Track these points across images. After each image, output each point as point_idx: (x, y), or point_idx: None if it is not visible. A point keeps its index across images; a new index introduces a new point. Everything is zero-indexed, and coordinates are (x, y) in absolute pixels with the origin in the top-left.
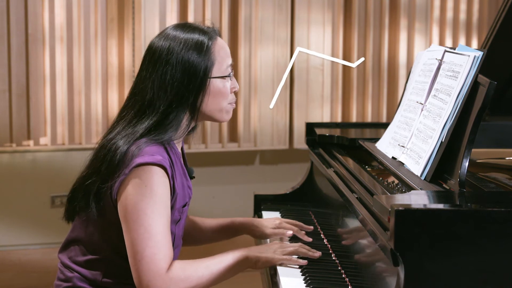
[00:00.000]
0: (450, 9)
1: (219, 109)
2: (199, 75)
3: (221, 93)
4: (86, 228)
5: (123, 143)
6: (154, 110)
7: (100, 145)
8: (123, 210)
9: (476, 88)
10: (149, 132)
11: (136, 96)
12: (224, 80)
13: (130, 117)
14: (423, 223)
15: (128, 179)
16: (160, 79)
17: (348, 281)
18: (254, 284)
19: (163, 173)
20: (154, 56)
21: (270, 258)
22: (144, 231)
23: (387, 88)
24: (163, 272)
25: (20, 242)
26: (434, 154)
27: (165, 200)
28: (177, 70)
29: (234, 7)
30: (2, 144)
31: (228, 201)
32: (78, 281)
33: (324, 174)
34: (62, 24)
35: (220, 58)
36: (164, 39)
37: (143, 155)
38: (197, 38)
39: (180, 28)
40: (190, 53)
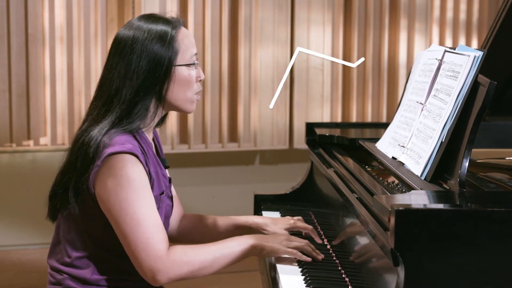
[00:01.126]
0: (450, 9)
1: (184, 99)
2: (163, 63)
3: (186, 81)
4: (69, 227)
5: (94, 136)
6: (121, 99)
7: (74, 139)
8: (105, 204)
9: (476, 88)
10: (118, 122)
11: (103, 87)
12: (189, 68)
13: (98, 109)
14: (423, 223)
15: (101, 171)
16: (126, 68)
17: (348, 281)
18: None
19: (136, 160)
20: (119, 46)
21: (276, 249)
22: (131, 220)
23: (387, 88)
24: (163, 254)
25: (20, 242)
26: (434, 154)
27: (144, 185)
28: (142, 59)
29: (234, 7)
30: (2, 144)
31: (228, 201)
32: (69, 282)
33: (324, 174)
34: (62, 24)
35: (184, 47)
36: (129, 29)
37: (114, 145)
38: (160, 27)
39: (145, 19)
40: (154, 42)
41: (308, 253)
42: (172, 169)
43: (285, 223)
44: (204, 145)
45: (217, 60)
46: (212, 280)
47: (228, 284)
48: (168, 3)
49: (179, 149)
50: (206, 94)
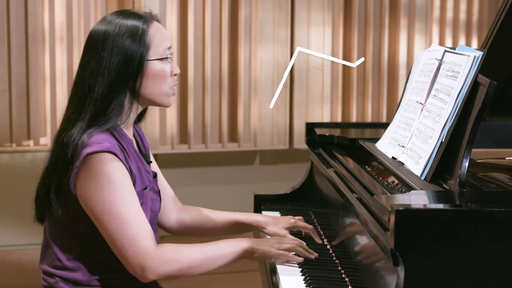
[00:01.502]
0: (450, 9)
1: (159, 93)
2: (135, 58)
3: (160, 75)
4: (56, 230)
5: (72, 136)
6: (94, 97)
7: (54, 141)
8: (88, 204)
9: (476, 88)
10: (94, 120)
11: (77, 85)
12: (163, 62)
13: (74, 107)
14: (423, 223)
15: (81, 172)
16: (97, 65)
17: (348, 281)
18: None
19: (115, 157)
20: (91, 43)
21: (267, 251)
22: (114, 218)
23: (387, 88)
24: (150, 251)
25: (20, 242)
26: (434, 154)
27: (125, 183)
28: (113, 55)
29: (234, 7)
30: (2, 144)
31: (228, 201)
32: (61, 284)
33: (324, 174)
34: (62, 24)
35: (156, 41)
36: (101, 25)
37: (91, 145)
38: (131, 23)
39: (117, 15)
40: (125, 37)
41: (300, 254)
42: (172, 169)
43: (285, 223)
44: (204, 145)
45: (217, 60)
46: (212, 280)
47: (228, 284)
48: (168, 3)
49: (179, 149)
50: (206, 94)
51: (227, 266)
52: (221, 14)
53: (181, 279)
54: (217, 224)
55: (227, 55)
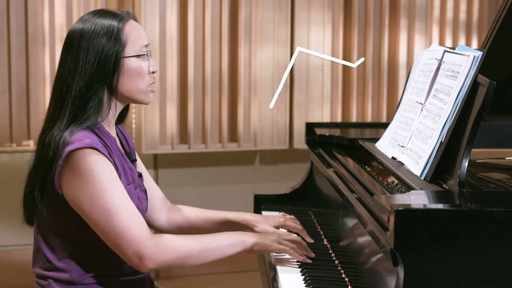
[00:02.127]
0: (450, 9)
1: (136, 90)
2: (111, 56)
3: (136, 72)
4: (44, 232)
5: (53, 136)
6: (72, 94)
7: (37, 141)
8: (75, 202)
9: (476, 88)
10: (74, 118)
11: (56, 84)
12: (139, 59)
13: (54, 106)
14: (422, 223)
15: (64, 170)
16: (74, 64)
17: (348, 281)
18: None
19: (97, 152)
20: (68, 42)
21: (268, 245)
22: (103, 211)
23: (387, 88)
24: (145, 238)
25: (20, 242)
26: (434, 154)
27: (110, 175)
28: (89, 53)
29: (234, 7)
30: (2, 144)
31: (228, 201)
32: (54, 285)
33: (324, 174)
34: (62, 24)
35: (132, 38)
36: (78, 24)
37: (73, 143)
38: (107, 21)
39: (93, 13)
40: (101, 35)
41: (296, 258)
42: (172, 169)
43: (274, 221)
44: (204, 145)
45: (217, 60)
46: (212, 280)
47: (228, 284)
48: (168, 3)
49: (179, 149)
50: (206, 94)
51: (227, 266)
52: (221, 14)
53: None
54: (208, 222)
55: (227, 55)
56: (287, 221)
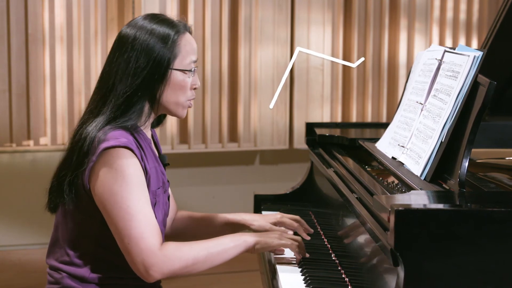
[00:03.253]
0: (450, 9)
1: (175, 103)
2: (161, 64)
3: (180, 86)
4: (67, 226)
5: (90, 131)
6: (117, 95)
7: (73, 134)
8: (100, 198)
9: (476, 88)
10: (114, 119)
11: (102, 81)
12: (185, 74)
13: (96, 102)
14: (423, 223)
15: (96, 166)
16: (125, 65)
17: (348, 281)
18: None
19: (131, 154)
20: (121, 42)
21: (270, 242)
22: (124, 213)
23: (387, 88)
24: (155, 249)
25: (20, 242)
26: (434, 154)
27: (139, 179)
28: (141, 57)
29: (234, 7)
30: (2, 144)
31: (228, 201)
32: (67, 280)
33: (324, 174)
34: (62, 24)
35: (184, 52)
36: (133, 27)
37: (108, 140)
38: (164, 29)
39: (150, 18)
40: (155, 41)
41: (294, 251)
42: (172, 169)
43: (271, 218)
44: (204, 145)
45: (217, 60)
46: (212, 280)
47: (228, 284)
48: (168, 3)
49: (179, 149)
50: (206, 94)
51: (227, 266)
52: (221, 14)
53: (181, 278)
54: (209, 227)
55: (227, 55)
56: (283, 218)
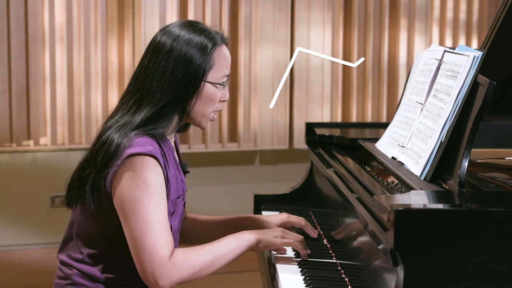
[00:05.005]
0: (450, 9)
1: (202, 114)
2: (197, 76)
3: (210, 99)
4: (83, 224)
5: (118, 134)
6: (151, 102)
7: (99, 133)
8: (119, 202)
9: (476, 88)
10: (144, 126)
11: (137, 83)
12: (216, 88)
13: (129, 105)
14: (422, 223)
15: (120, 171)
16: (161, 72)
17: (348, 281)
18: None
19: (155, 162)
20: (158, 48)
21: (272, 241)
22: (142, 221)
23: (387, 88)
24: (166, 259)
25: (20, 242)
26: (434, 154)
27: (160, 189)
28: (178, 67)
29: (234, 7)
30: (2, 144)
31: (228, 201)
32: (77, 278)
33: (324, 174)
34: (62, 24)
35: (218, 65)
36: (171, 35)
37: (134, 146)
38: (202, 39)
39: (188, 27)
40: (193, 53)
41: (297, 248)
42: None
43: (278, 219)
44: (204, 145)
45: None
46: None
47: (228, 284)
48: (168, 3)
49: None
50: None
51: (227, 266)
52: (221, 14)
53: None
54: (215, 230)
55: None
56: (290, 217)
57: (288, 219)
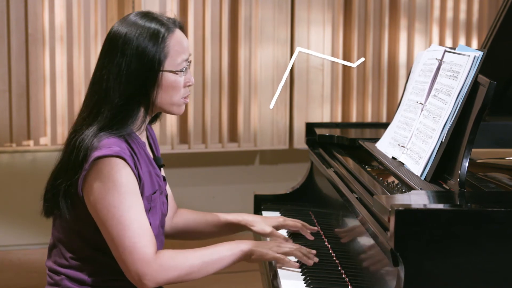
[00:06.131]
0: (450, 9)
1: (170, 103)
2: (153, 67)
3: (172, 87)
4: (63, 230)
5: (84, 139)
6: (110, 102)
7: (67, 141)
8: (93, 208)
9: (476, 88)
10: (108, 126)
11: (94, 85)
12: (177, 74)
13: (90, 109)
14: (423, 223)
15: (89, 175)
16: (116, 70)
17: (348, 281)
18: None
19: (123, 163)
20: (111, 44)
21: (264, 253)
22: (117, 223)
23: (387, 88)
24: (150, 258)
25: (20, 242)
26: (434, 154)
27: (132, 188)
28: (132, 62)
29: (234, 7)
30: (2, 144)
31: (228, 201)
32: (66, 282)
33: (324, 174)
34: (62, 24)
35: (174, 52)
36: (123, 25)
37: (101, 148)
38: (153, 28)
39: (140, 17)
40: (146, 43)
41: (299, 258)
42: (172, 169)
43: (273, 221)
44: (204, 145)
45: (217, 60)
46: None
47: (228, 284)
48: (168, 3)
49: (179, 149)
50: (206, 94)
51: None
52: (221, 14)
53: None
54: (208, 226)
55: (227, 55)
56: (286, 221)
57: (284, 222)
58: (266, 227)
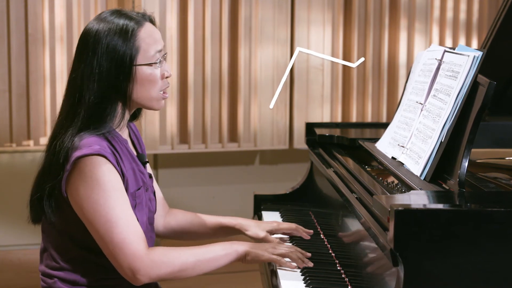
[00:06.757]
0: (450, 9)
1: (148, 98)
2: (125, 63)
3: (148, 80)
4: (52, 233)
5: (64, 141)
6: (86, 103)
7: (47, 146)
8: (79, 208)
9: (476, 88)
10: (87, 126)
11: (69, 89)
12: (152, 67)
13: (66, 111)
14: (422, 223)
15: (71, 175)
16: (88, 69)
17: (348, 281)
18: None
19: (105, 160)
20: (83, 44)
21: (260, 255)
22: (105, 221)
23: (387, 88)
24: (141, 253)
25: (20, 242)
26: (434, 154)
27: (115, 185)
28: (103, 60)
29: (234, 7)
30: (2, 144)
31: (228, 201)
32: (60, 284)
33: (324, 174)
34: (62, 24)
35: (145, 45)
36: (94, 24)
37: (81, 148)
38: (122, 24)
39: (109, 14)
40: (115, 40)
41: (294, 261)
42: (172, 169)
43: (267, 225)
44: (204, 145)
45: (217, 60)
46: (211, 280)
47: (228, 284)
48: (168, 3)
49: (179, 149)
50: (206, 94)
51: (227, 266)
52: (221, 14)
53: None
54: (202, 227)
55: (227, 55)
56: (280, 225)
57: (279, 226)
58: (260, 231)
